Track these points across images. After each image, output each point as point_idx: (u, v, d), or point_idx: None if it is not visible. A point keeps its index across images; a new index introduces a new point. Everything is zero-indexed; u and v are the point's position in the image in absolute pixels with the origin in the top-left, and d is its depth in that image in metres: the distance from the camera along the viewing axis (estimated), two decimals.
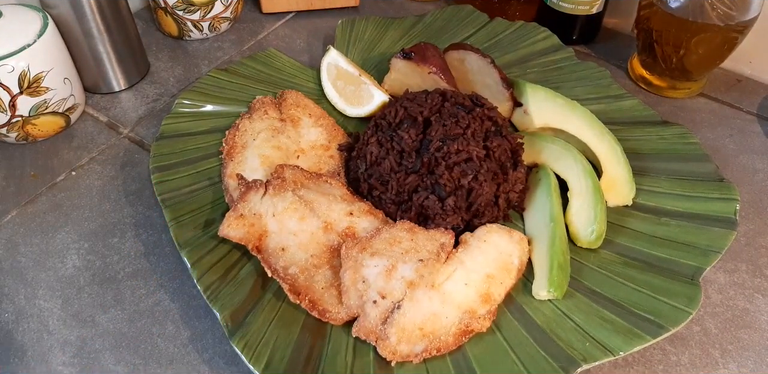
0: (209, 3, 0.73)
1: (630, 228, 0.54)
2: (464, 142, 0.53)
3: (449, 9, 0.76)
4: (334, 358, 0.45)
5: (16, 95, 0.58)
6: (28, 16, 0.60)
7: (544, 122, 0.61)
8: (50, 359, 0.48)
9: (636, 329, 0.46)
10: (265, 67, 0.68)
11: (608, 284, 0.50)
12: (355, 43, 0.73)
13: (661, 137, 0.61)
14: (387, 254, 0.47)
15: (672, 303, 0.48)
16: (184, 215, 0.53)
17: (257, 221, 0.50)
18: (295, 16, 0.82)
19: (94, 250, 0.55)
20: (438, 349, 0.45)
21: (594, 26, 0.76)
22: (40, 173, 0.62)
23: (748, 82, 0.73)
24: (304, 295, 0.47)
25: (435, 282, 0.47)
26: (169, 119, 0.61)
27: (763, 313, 0.51)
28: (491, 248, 0.50)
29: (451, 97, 0.57)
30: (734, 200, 0.54)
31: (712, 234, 0.52)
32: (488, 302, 0.47)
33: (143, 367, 0.48)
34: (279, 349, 0.45)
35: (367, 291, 0.46)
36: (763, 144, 0.65)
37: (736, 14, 0.60)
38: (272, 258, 0.49)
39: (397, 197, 0.54)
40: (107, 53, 0.67)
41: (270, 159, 0.56)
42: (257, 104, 0.61)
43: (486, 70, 0.62)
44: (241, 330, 0.46)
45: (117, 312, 0.51)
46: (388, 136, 0.55)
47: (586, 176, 0.55)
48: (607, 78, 0.67)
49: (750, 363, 0.48)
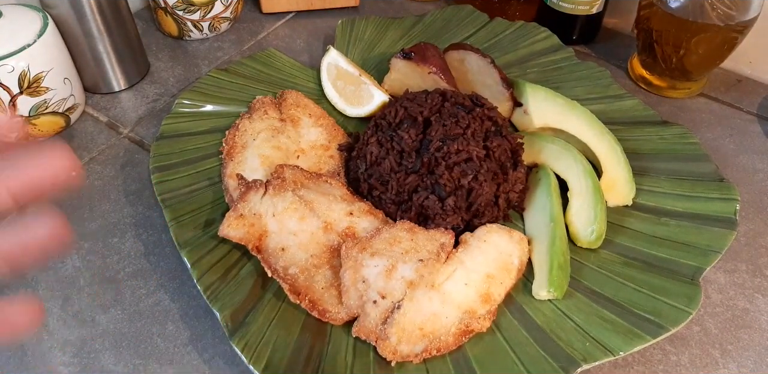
0: (209, 3, 0.73)
1: (630, 228, 0.54)
2: (464, 142, 0.53)
3: (449, 9, 0.76)
4: (334, 358, 0.45)
5: (16, 95, 0.58)
6: (28, 16, 0.60)
7: (544, 122, 0.61)
8: (50, 359, 0.48)
9: (636, 329, 0.46)
10: (265, 67, 0.68)
11: (608, 284, 0.50)
12: (355, 43, 0.73)
13: (661, 137, 0.61)
14: (387, 255, 0.47)
15: (672, 303, 0.48)
16: (184, 215, 0.53)
17: (257, 221, 0.50)
18: (295, 16, 0.82)
19: (94, 250, 0.55)
20: (438, 349, 0.45)
21: (594, 26, 0.76)
22: None
23: (748, 82, 0.72)
24: (304, 295, 0.47)
25: (435, 282, 0.47)
26: (169, 118, 0.61)
27: (763, 313, 0.51)
28: (491, 248, 0.50)
29: (451, 97, 0.57)
30: (734, 200, 0.54)
31: (712, 234, 0.52)
32: (488, 302, 0.47)
33: (143, 367, 0.48)
34: (279, 349, 0.45)
35: (367, 291, 0.46)
36: (763, 144, 0.65)
37: (736, 14, 0.60)
38: (272, 258, 0.49)
39: (397, 197, 0.54)
40: (107, 53, 0.67)
41: (270, 159, 0.56)
42: (257, 103, 0.61)
43: (486, 70, 0.62)
44: (241, 330, 0.46)
45: (117, 312, 0.51)
46: (388, 136, 0.55)
47: (586, 176, 0.55)
48: (607, 78, 0.67)
49: (750, 363, 0.48)
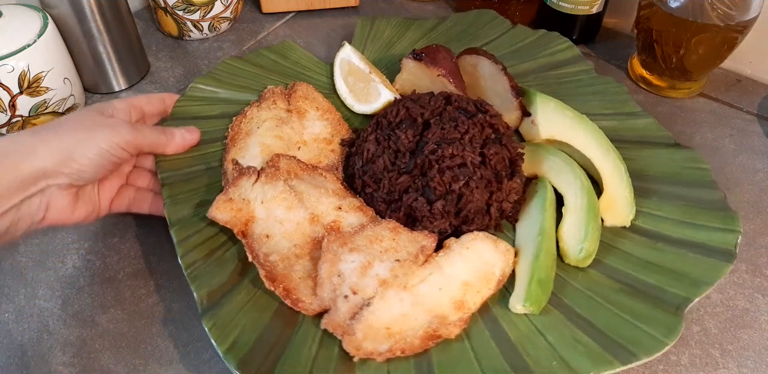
0: (209, 3, 0.73)
1: (623, 250, 0.52)
2: (460, 147, 0.52)
3: (473, 13, 0.75)
4: (299, 347, 0.45)
5: (16, 95, 0.58)
6: (28, 16, 0.60)
7: (551, 134, 0.59)
8: (50, 359, 0.48)
9: (608, 354, 0.44)
10: (281, 58, 0.69)
11: (589, 305, 0.48)
12: (374, 41, 0.73)
13: (671, 159, 0.58)
14: (366, 251, 0.48)
15: (650, 331, 0.46)
16: (180, 194, 0.54)
17: (245, 207, 0.51)
18: (295, 16, 0.82)
19: (94, 250, 0.55)
20: (403, 350, 0.45)
21: (594, 26, 0.76)
22: None
23: (748, 82, 0.73)
24: (279, 282, 0.48)
25: (408, 283, 0.46)
26: (182, 101, 0.62)
27: (763, 313, 0.51)
28: (473, 256, 0.49)
29: (455, 101, 0.56)
30: (736, 231, 0.51)
31: (706, 265, 0.49)
32: (461, 309, 0.47)
33: (143, 367, 0.48)
34: (246, 332, 0.45)
35: (341, 285, 0.46)
36: (763, 144, 0.65)
37: (736, 14, 0.60)
38: (256, 244, 0.50)
39: (388, 196, 0.53)
40: (107, 53, 0.67)
41: (270, 148, 0.57)
42: (267, 93, 0.62)
43: (497, 77, 0.61)
44: (213, 309, 0.46)
45: (117, 312, 0.51)
46: (386, 134, 0.55)
47: (582, 193, 0.53)
48: (623, 94, 0.64)
49: (750, 363, 0.48)
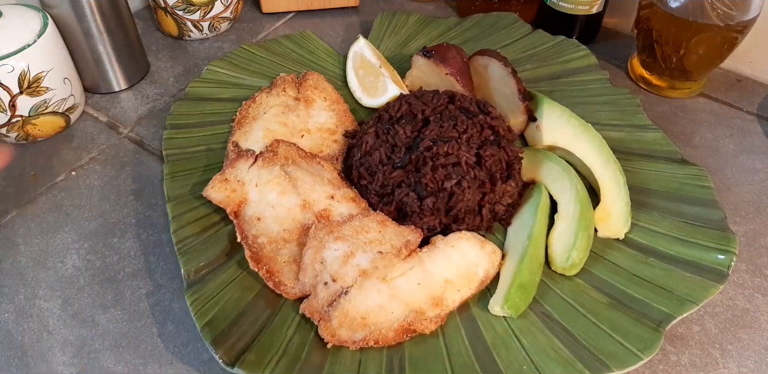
0: (209, 3, 0.73)
1: (612, 262, 0.52)
2: (455, 146, 0.52)
3: (493, 15, 0.75)
4: (276, 329, 0.47)
5: (16, 95, 0.58)
6: (28, 16, 0.60)
7: (554, 140, 0.59)
8: (50, 359, 0.48)
9: (579, 363, 0.45)
10: (297, 47, 0.71)
11: (569, 313, 0.48)
12: (391, 36, 0.74)
13: (674, 174, 0.57)
14: (351, 241, 0.49)
15: (627, 345, 0.46)
16: (181, 171, 0.56)
17: (239, 188, 0.52)
18: (295, 16, 0.82)
19: (94, 250, 0.55)
20: (377, 341, 0.46)
21: (594, 26, 0.76)
22: (39, 173, 0.62)
23: (748, 82, 0.73)
24: (264, 264, 0.49)
25: (387, 275, 0.47)
26: (196, 82, 0.65)
27: (763, 313, 0.51)
28: (457, 255, 0.50)
29: (458, 100, 0.56)
30: (732, 253, 0.51)
31: (695, 284, 0.49)
32: (439, 306, 0.47)
33: (143, 367, 0.48)
34: (226, 310, 0.47)
35: (323, 272, 0.48)
36: (763, 144, 0.65)
37: (736, 14, 0.60)
38: (246, 225, 0.51)
39: (381, 189, 0.54)
40: (107, 53, 0.67)
41: (274, 134, 0.58)
42: (278, 80, 0.64)
43: (506, 80, 0.61)
44: (198, 285, 0.48)
45: (117, 312, 0.51)
46: (385, 128, 0.55)
47: (576, 202, 0.53)
48: (635, 106, 0.64)
49: (750, 363, 0.48)
